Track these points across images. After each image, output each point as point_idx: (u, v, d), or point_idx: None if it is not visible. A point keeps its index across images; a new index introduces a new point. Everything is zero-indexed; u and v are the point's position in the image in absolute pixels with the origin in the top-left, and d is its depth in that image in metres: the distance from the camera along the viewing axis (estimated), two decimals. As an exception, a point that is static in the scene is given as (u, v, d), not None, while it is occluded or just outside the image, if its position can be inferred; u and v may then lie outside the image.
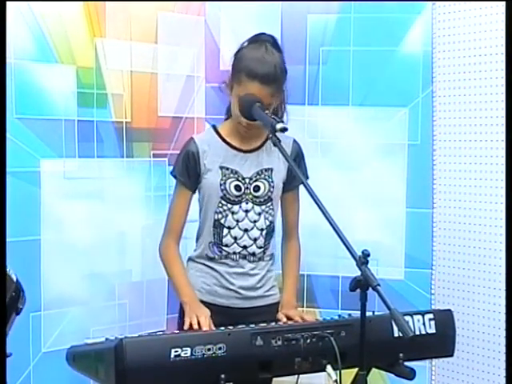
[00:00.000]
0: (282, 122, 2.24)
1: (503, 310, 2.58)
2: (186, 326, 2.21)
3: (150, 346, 1.92)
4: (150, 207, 2.91)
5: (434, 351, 2.30)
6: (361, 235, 2.68)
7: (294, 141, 2.47)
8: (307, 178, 2.41)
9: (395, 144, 2.99)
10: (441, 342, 2.27)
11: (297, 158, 2.45)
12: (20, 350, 2.55)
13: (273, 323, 2.14)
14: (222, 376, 1.95)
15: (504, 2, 2.55)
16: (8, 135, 2.43)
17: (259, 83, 2.28)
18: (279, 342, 2.04)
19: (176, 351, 1.92)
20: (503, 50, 2.60)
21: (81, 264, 2.75)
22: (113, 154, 2.86)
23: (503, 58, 2.60)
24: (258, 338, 2.02)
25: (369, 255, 1.91)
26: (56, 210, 2.68)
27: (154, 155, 2.95)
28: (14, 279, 1.88)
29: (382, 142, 3.00)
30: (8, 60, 2.42)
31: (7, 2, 2.30)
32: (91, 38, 2.75)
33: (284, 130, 2.18)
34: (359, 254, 1.93)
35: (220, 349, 1.97)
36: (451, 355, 2.32)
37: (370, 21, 2.97)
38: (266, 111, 2.27)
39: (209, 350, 1.95)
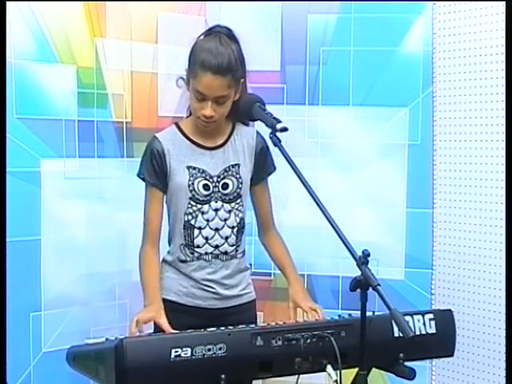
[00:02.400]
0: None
1: (503, 310, 2.58)
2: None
3: (151, 346, 1.92)
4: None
5: (434, 351, 2.30)
6: (361, 235, 2.67)
7: (258, 132, 2.42)
8: (274, 168, 2.44)
9: (395, 144, 2.99)
10: (441, 341, 2.26)
11: (262, 150, 2.41)
12: (20, 350, 2.55)
13: (273, 323, 2.13)
14: (222, 376, 1.95)
15: (504, 2, 2.55)
16: (8, 135, 2.44)
17: (212, 74, 2.21)
18: (279, 342, 2.04)
19: (176, 351, 1.92)
20: (503, 50, 2.60)
21: (81, 264, 2.75)
22: (113, 154, 2.86)
23: (503, 57, 2.60)
24: (258, 338, 2.02)
25: (369, 255, 1.91)
26: (56, 209, 2.68)
27: (155, 155, 2.95)
28: None
29: (382, 142, 3.00)
30: (8, 60, 2.42)
31: (7, 2, 2.30)
32: (91, 38, 2.76)
33: (284, 129, 2.15)
34: (359, 253, 1.92)
35: (220, 349, 1.96)
36: (451, 355, 2.32)
37: (370, 21, 2.97)
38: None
39: (209, 350, 1.95)
